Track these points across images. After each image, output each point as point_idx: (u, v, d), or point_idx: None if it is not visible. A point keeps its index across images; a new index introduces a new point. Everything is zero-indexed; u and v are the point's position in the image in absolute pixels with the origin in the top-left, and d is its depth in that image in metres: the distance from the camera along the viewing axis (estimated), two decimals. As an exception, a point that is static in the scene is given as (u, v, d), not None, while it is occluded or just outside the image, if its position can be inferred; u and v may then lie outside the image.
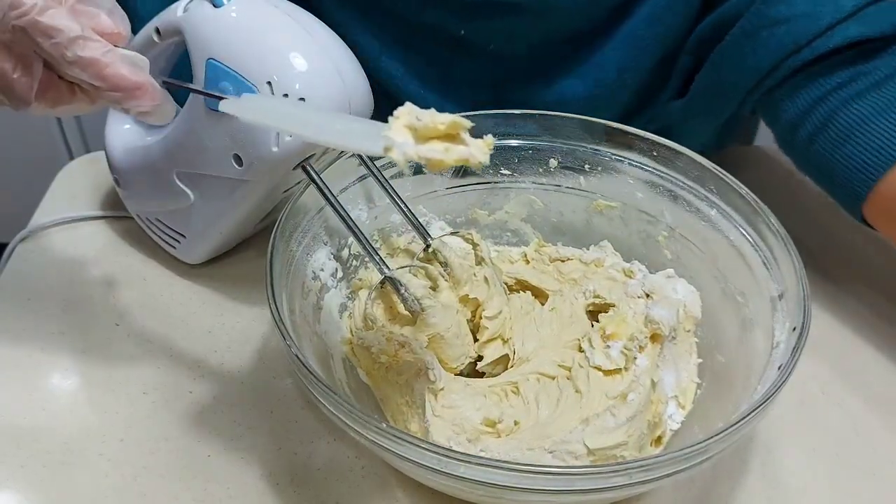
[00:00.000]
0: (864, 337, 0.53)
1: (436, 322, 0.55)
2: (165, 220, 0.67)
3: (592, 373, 0.53)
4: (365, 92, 0.56)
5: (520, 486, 0.42)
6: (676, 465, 0.42)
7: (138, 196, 0.69)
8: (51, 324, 0.65)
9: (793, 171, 0.70)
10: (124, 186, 0.69)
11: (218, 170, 0.58)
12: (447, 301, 0.56)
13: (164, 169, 0.63)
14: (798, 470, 0.56)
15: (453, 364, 0.56)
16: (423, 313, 0.55)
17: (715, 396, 0.54)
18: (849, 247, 0.73)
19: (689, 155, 0.60)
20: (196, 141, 0.58)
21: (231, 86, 0.53)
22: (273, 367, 0.62)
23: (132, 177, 0.67)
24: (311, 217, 0.57)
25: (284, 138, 0.54)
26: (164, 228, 0.68)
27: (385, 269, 0.55)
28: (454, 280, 0.58)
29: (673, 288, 0.58)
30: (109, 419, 0.58)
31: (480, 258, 0.60)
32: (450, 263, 0.58)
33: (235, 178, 0.58)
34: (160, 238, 0.69)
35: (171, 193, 0.63)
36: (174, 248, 0.68)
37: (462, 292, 0.58)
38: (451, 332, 0.55)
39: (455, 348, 0.56)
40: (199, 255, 0.68)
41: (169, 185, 0.63)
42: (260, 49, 0.53)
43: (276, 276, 0.51)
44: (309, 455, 0.56)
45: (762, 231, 0.55)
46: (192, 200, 0.63)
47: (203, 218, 0.64)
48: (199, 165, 0.60)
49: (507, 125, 0.63)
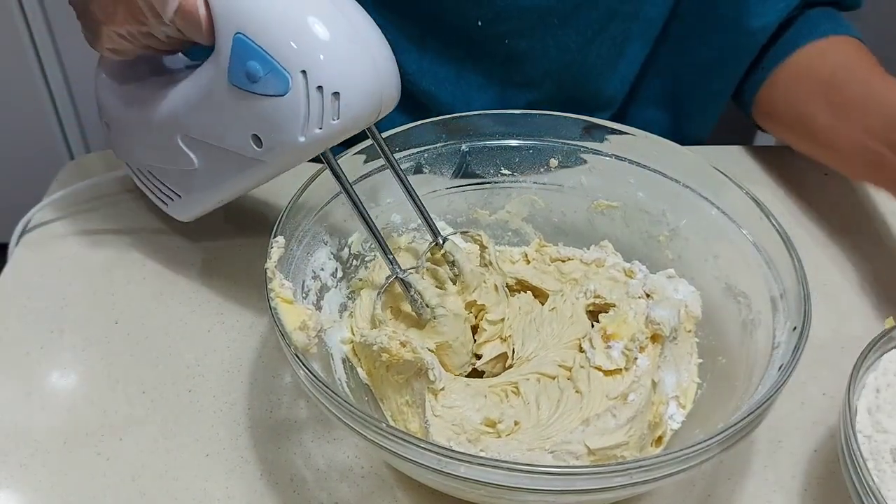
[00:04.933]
0: (864, 337, 0.53)
1: (446, 331, 0.54)
2: (160, 175, 0.63)
3: (593, 373, 0.53)
4: (396, 86, 0.53)
5: (520, 486, 0.42)
6: (677, 465, 0.42)
7: (131, 146, 0.64)
8: (50, 323, 0.65)
9: (793, 171, 0.70)
10: (116, 134, 0.64)
11: (232, 145, 0.55)
12: (456, 308, 0.56)
13: (167, 129, 0.58)
14: (799, 471, 0.55)
15: (456, 371, 0.56)
16: (434, 321, 0.54)
17: (716, 397, 0.54)
18: (849, 246, 0.73)
19: (690, 155, 0.60)
20: (212, 111, 0.55)
21: (261, 68, 0.50)
22: (273, 367, 0.62)
23: (126, 127, 0.63)
24: (311, 217, 0.57)
25: (314, 129, 0.51)
26: (156, 183, 0.63)
27: (398, 271, 0.54)
28: (463, 285, 0.58)
29: (674, 288, 0.58)
30: (108, 418, 0.58)
31: (488, 261, 0.59)
32: (461, 268, 0.57)
33: (250, 157, 0.54)
34: (150, 190, 0.65)
35: (171, 154, 0.59)
36: (165, 205, 0.65)
37: (470, 298, 0.58)
38: (458, 341, 0.55)
39: (460, 356, 0.56)
40: (191, 215, 0.64)
41: (171, 146, 0.58)
42: (296, 31, 0.49)
43: (275, 276, 0.51)
44: (308, 455, 0.56)
45: (762, 231, 0.55)
46: (195, 166, 0.58)
47: (204, 185, 0.60)
48: (210, 135, 0.56)
49: (507, 125, 0.63)
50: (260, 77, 0.50)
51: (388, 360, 0.53)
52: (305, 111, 0.50)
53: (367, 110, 0.51)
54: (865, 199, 0.79)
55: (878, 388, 0.53)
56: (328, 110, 0.50)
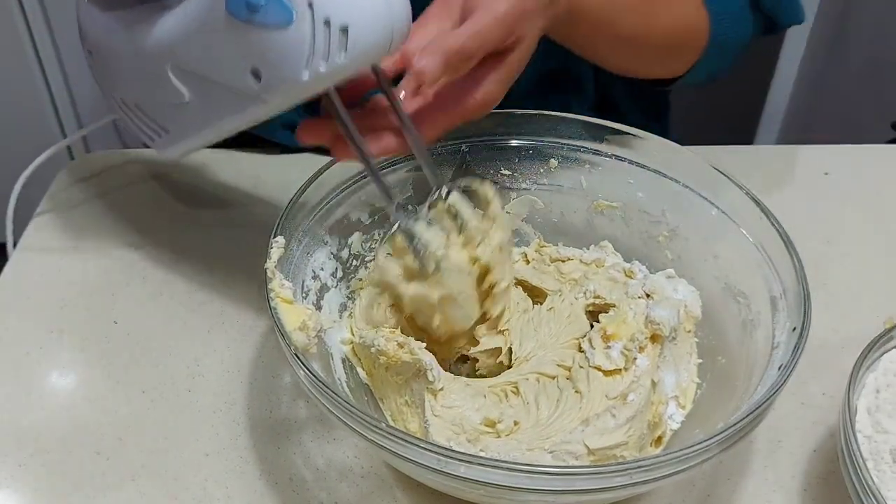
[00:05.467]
0: (864, 337, 0.53)
1: (450, 284, 0.52)
2: (147, 108, 0.58)
3: (592, 373, 0.53)
4: (408, 20, 0.49)
5: (520, 486, 0.42)
6: (676, 465, 0.42)
7: (116, 77, 0.59)
8: (50, 323, 0.65)
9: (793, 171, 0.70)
10: (99, 63, 0.59)
11: (228, 79, 0.50)
12: (460, 261, 0.53)
13: (157, 58, 0.53)
14: (799, 471, 0.55)
15: (458, 326, 0.54)
16: (438, 273, 0.52)
17: (715, 397, 0.54)
18: (849, 246, 0.73)
19: (690, 155, 0.60)
20: (207, 41, 0.50)
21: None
22: (273, 367, 0.62)
23: (111, 55, 0.57)
24: (311, 217, 0.57)
25: (318, 66, 0.46)
26: (143, 117, 0.58)
27: (401, 219, 0.52)
28: (467, 238, 0.54)
29: (673, 288, 0.58)
30: (108, 418, 0.58)
31: (493, 216, 0.56)
32: (465, 220, 0.54)
33: (247, 93, 0.50)
34: (136, 126, 0.60)
35: (159, 85, 0.54)
36: (151, 140, 0.60)
37: (474, 253, 0.54)
38: (462, 295, 0.53)
39: (464, 311, 0.54)
40: (179, 154, 0.59)
41: (159, 76, 0.53)
42: None
43: (275, 277, 0.51)
44: (308, 454, 0.56)
45: (762, 231, 0.55)
46: (185, 99, 0.53)
47: (194, 120, 0.55)
48: (204, 68, 0.51)
49: (507, 125, 0.63)
50: (261, 6, 0.46)
51: (386, 362, 0.53)
52: (310, 46, 0.46)
53: (377, 46, 0.47)
54: (865, 198, 0.79)
55: (878, 388, 0.53)
56: (335, 45, 0.46)
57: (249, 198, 0.77)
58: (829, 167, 0.81)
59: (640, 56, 0.70)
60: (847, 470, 0.47)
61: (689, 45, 0.71)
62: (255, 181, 0.79)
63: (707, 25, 0.70)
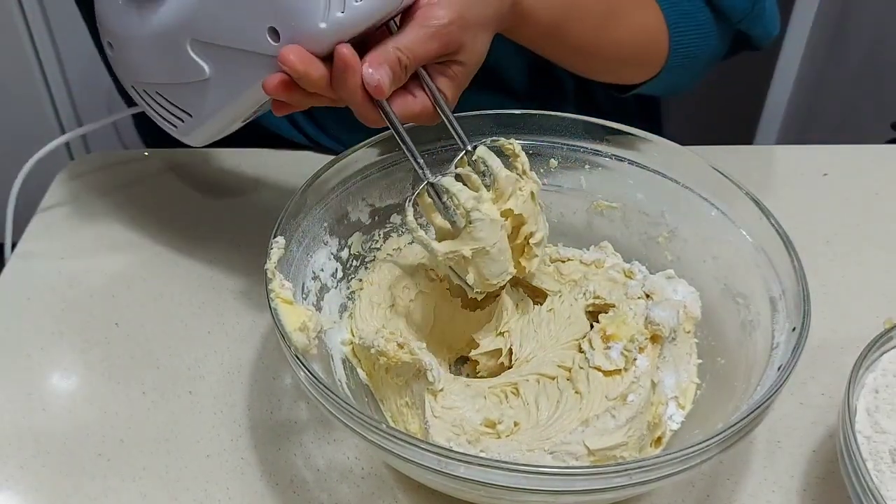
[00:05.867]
0: (863, 337, 0.53)
1: (483, 237, 0.52)
2: (168, 94, 0.58)
3: (592, 374, 0.53)
4: None
5: (520, 487, 0.42)
6: (676, 465, 0.42)
7: (136, 64, 0.59)
8: (51, 324, 0.65)
9: (793, 171, 0.70)
10: (118, 52, 0.59)
11: (246, 43, 0.50)
12: (492, 213, 0.52)
13: (175, 35, 0.54)
14: (798, 471, 0.56)
15: (494, 280, 0.53)
16: (470, 226, 0.51)
17: (715, 397, 0.54)
18: (849, 246, 0.73)
19: (690, 155, 0.60)
20: (223, 6, 0.50)
21: None
22: (273, 367, 0.62)
23: (130, 42, 0.58)
24: (311, 217, 0.57)
25: (335, 13, 0.47)
26: (164, 104, 0.59)
27: (428, 175, 0.51)
28: (498, 192, 0.54)
29: (673, 289, 0.58)
30: (109, 419, 0.58)
31: (522, 170, 0.55)
32: (495, 173, 0.53)
33: (267, 54, 0.49)
34: (158, 115, 0.60)
35: (180, 65, 0.54)
36: (175, 128, 0.60)
37: (505, 207, 0.54)
38: (496, 247, 0.52)
39: (498, 264, 0.53)
40: (203, 138, 0.60)
41: (179, 54, 0.54)
42: None
43: (275, 277, 0.51)
44: (309, 455, 0.56)
45: (762, 231, 0.55)
46: (207, 75, 0.54)
47: (217, 97, 0.55)
48: (222, 36, 0.51)
49: (507, 125, 0.63)
50: None
51: (386, 363, 0.53)
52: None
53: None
54: (865, 198, 0.79)
55: (878, 388, 0.53)
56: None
57: (249, 198, 0.77)
58: (829, 167, 0.81)
59: (591, 63, 0.69)
60: (846, 470, 0.47)
61: (644, 58, 0.70)
62: (255, 181, 0.79)
63: (667, 40, 0.69)
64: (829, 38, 1.61)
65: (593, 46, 0.66)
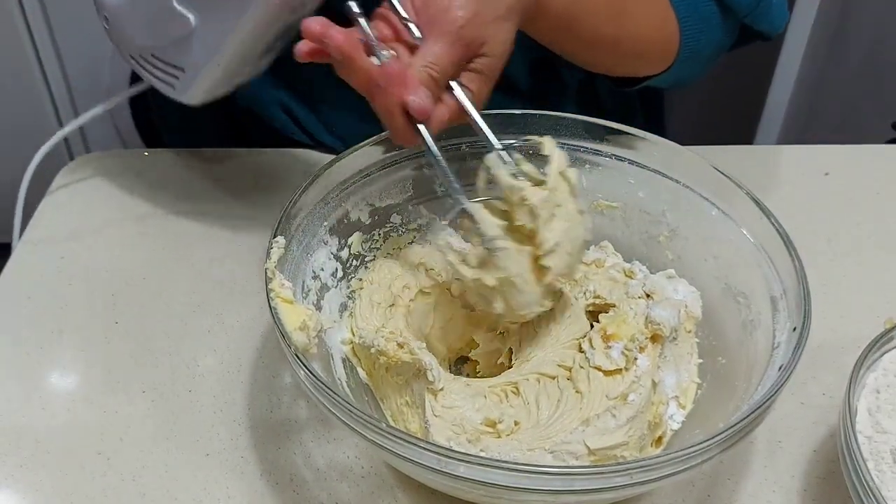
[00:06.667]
0: (864, 337, 0.53)
1: (506, 266, 0.52)
2: (161, 54, 0.62)
3: (593, 373, 0.53)
4: None
5: (520, 486, 0.42)
6: (677, 465, 0.42)
7: (131, 31, 0.63)
8: (50, 323, 0.65)
9: (793, 171, 0.70)
10: (114, 23, 0.64)
11: None
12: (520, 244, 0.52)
13: None
14: (799, 471, 0.55)
15: (522, 311, 0.53)
16: (493, 255, 0.51)
17: (716, 397, 0.54)
18: (849, 246, 0.73)
19: (690, 155, 0.60)
20: None
21: None
22: (273, 366, 0.62)
23: (122, 12, 0.62)
24: (311, 217, 0.57)
25: None
26: (159, 65, 0.63)
27: (463, 200, 0.52)
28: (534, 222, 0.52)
29: (674, 288, 0.58)
30: (108, 418, 0.58)
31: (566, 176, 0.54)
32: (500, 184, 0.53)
33: None
34: (157, 79, 0.64)
35: (169, 20, 0.59)
36: (172, 88, 0.64)
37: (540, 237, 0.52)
38: (521, 277, 0.52)
39: (525, 295, 0.52)
40: (200, 93, 0.63)
41: (167, 10, 0.58)
42: None
43: (275, 277, 0.51)
44: (309, 455, 0.56)
45: (762, 231, 0.55)
46: (193, 25, 0.58)
47: (204, 45, 0.59)
48: None
49: (507, 125, 0.63)
50: None
51: (386, 363, 0.53)
52: None
53: None
54: (866, 198, 0.79)
55: (878, 388, 0.53)
56: None
57: (249, 197, 0.77)
58: (829, 167, 0.81)
59: (605, 57, 0.69)
60: (847, 470, 0.47)
61: (657, 52, 0.70)
62: (255, 181, 0.79)
63: (678, 33, 0.70)
64: (830, 38, 1.61)
65: (608, 39, 0.66)
